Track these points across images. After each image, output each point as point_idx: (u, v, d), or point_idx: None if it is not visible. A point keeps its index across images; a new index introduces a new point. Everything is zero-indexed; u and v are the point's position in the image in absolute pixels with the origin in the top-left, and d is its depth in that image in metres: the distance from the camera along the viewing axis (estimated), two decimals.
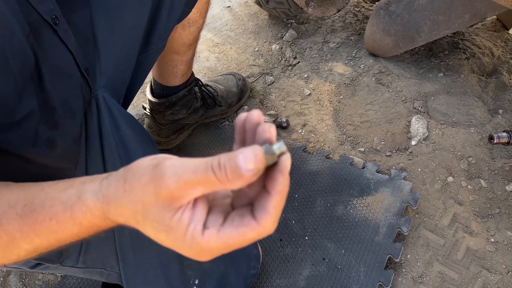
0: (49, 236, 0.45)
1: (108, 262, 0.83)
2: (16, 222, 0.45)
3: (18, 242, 0.46)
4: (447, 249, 1.12)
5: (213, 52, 1.78)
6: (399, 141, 1.34)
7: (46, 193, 0.46)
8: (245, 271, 0.98)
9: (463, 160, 1.27)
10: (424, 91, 1.44)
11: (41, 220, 0.44)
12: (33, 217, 0.45)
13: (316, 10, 1.40)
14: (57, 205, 0.44)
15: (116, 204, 0.41)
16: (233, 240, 0.39)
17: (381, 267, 1.06)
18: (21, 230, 0.45)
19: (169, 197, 0.37)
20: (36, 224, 0.45)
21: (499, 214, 1.17)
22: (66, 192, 0.45)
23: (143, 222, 0.40)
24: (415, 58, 1.58)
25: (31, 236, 0.45)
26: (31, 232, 0.45)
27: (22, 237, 0.45)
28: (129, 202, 0.39)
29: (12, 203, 0.46)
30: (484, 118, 1.37)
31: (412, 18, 1.37)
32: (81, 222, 0.44)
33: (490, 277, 1.07)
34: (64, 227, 0.44)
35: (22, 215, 0.45)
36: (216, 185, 0.36)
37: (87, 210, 0.43)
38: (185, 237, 0.38)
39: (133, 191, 0.39)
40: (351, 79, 1.53)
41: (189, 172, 0.36)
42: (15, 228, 0.45)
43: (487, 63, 1.54)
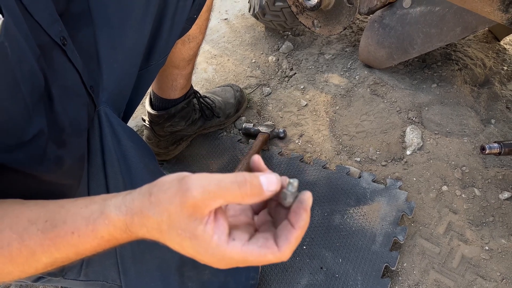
0: (69, 249, 0.48)
1: (109, 275, 0.84)
2: (37, 237, 0.48)
3: (38, 257, 0.48)
4: (442, 257, 1.14)
5: (211, 64, 1.80)
6: (394, 151, 1.36)
7: (67, 210, 0.49)
8: (244, 282, 0.99)
9: (457, 169, 1.29)
10: (418, 102, 1.47)
11: (62, 234, 0.47)
12: (55, 232, 0.48)
13: (323, 29, 1.43)
14: (79, 220, 0.47)
15: (141, 216, 0.44)
16: (253, 257, 0.43)
17: (378, 276, 1.08)
18: (42, 245, 0.48)
19: (194, 207, 0.41)
20: (58, 239, 0.47)
21: (493, 222, 1.19)
22: (88, 208, 0.48)
23: (167, 230, 0.43)
24: (409, 69, 1.61)
25: (51, 250, 0.48)
26: (51, 246, 0.47)
27: (43, 252, 0.48)
28: (155, 213, 0.43)
29: (32, 220, 0.48)
30: (477, 128, 1.39)
31: (405, 31, 1.40)
32: (102, 236, 0.47)
33: (485, 284, 1.08)
34: (85, 241, 0.47)
35: (43, 231, 0.48)
36: (236, 198, 0.41)
37: (109, 224, 0.46)
38: (209, 245, 0.42)
39: (160, 202, 0.42)
40: (347, 90, 1.56)
41: (213, 185, 0.41)
42: (36, 243, 0.47)
43: (479, 73, 1.57)
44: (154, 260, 0.85)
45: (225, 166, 1.39)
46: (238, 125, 1.52)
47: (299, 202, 0.44)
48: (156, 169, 0.90)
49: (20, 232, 0.48)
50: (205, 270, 0.91)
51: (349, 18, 1.32)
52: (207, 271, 0.91)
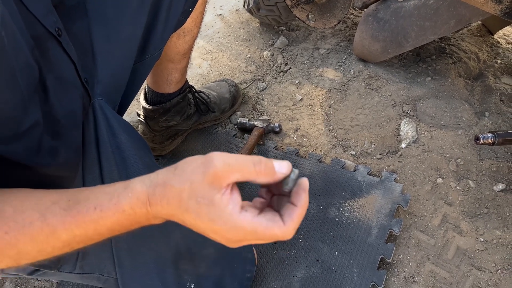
0: (89, 226, 0.50)
1: (105, 268, 0.84)
2: (59, 215, 0.50)
3: (58, 234, 0.50)
4: (437, 249, 1.14)
5: (205, 59, 1.80)
6: (389, 144, 1.37)
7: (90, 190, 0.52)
8: (241, 275, 1.00)
9: (451, 161, 1.30)
10: (413, 95, 1.47)
11: (84, 210, 0.50)
12: (77, 209, 0.50)
13: (318, 23, 1.43)
14: (102, 196, 0.51)
15: (163, 186, 0.48)
16: (261, 229, 0.48)
17: (374, 268, 1.08)
18: (63, 222, 0.50)
19: (214, 176, 0.46)
20: (79, 215, 0.50)
21: (488, 214, 1.20)
22: (112, 186, 0.52)
23: (187, 199, 0.47)
24: (404, 63, 1.62)
25: (72, 227, 0.50)
26: (72, 223, 0.50)
27: (64, 229, 0.50)
28: (177, 182, 0.48)
29: (55, 200, 0.51)
30: (471, 120, 1.40)
31: (399, 24, 1.40)
32: (124, 209, 0.50)
33: (480, 275, 1.09)
34: (106, 215, 0.50)
35: (66, 208, 0.50)
36: (251, 174, 0.47)
37: (133, 196, 0.50)
38: (224, 212, 0.46)
39: (183, 173, 0.48)
40: (342, 84, 1.56)
41: (233, 160, 0.47)
42: (58, 221, 0.50)
43: (473, 67, 1.58)
44: (149, 253, 0.85)
45: None
46: (233, 120, 1.52)
47: (298, 185, 0.51)
48: (151, 161, 0.90)
49: (42, 211, 0.50)
50: (201, 263, 0.91)
51: (344, 11, 1.32)
52: (203, 264, 0.91)
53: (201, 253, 0.91)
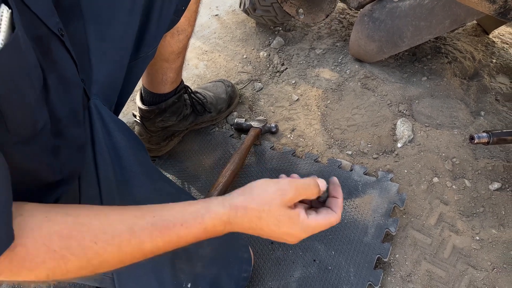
0: (173, 239, 0.59)
1: None
2: (147, 229, 0.57)
3: (144, 246, 0.57)
4: (434, 248, 1.15)
5: (202, 59, 1.80)
6: (385, 143, 1.37)
7: (173, 207, 0.61)
8: (237, 274, 0.99)
9: (447, 161, 1.30)
10: (409, 95, 1.48)
11: (171, 226, 0.58)
12: (164, 224, 0.58)
13: (307, 17, 1.44)
14: (187, 215, 0.60)
15: (244, 209, 0.62)
16: (324, 222, 0.66)
17: (371, 267, 1.08)
18: (151, 235, 0.57)
19: (289, 201, 0.63)
20: (166, 230, 0.58)
21: (483, 213, 1.20)
22: (193, 206, 0.61)
23: (266, 217, 0.62)
24: (399, 63, 1.62)
25: (157, 240, 0.57)
26: (159, 237, 0.57)
27: (150, 241, 0.57)
28: (257, 205, 0.62)
29: (139, 215, 0.58)
30: (467, 120, 1.41)
31: (395, 24, 1.41)
32: (206, 227, 0.60)
33: (476, 274, 1.09)
34: (190, 232, 0.59)
35: (153, 223, 0.57)
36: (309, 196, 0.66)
37: (215, 217, 0.60)
38: (298, 221, 0.64)
39: (262, 198, 0.62)
40: (338, 84, 1.57)
41: (300, 186, 0.64)
42: (146, 234, 0.56)
43: (469, 66, 1.59)
44: None
45: (217, 162, 1.38)
46: (230, 121, 1.52)
47: (332, 183, 0.71)
48: (147, 161, 0.90)
49: (129, 224, 0.56)
50: (197, 263, 0.91)
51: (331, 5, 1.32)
52: (199, 263, 0.91)
53: (198, 253, 0.91)
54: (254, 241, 1.16)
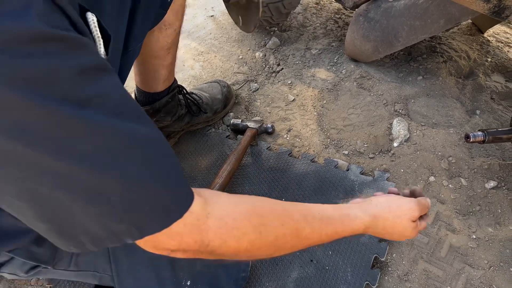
0: (329, 232, 0.68)
1: (100, 265, 0.84)
2: (316, 221, 0.67)
3: (312, 235, 0.66)
4: (431, 247, 1.15)
5: (197, 60, 1.80)
6: (381, 143, 1.37)
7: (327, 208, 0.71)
8: (236, 274, 1.00)
9: (443, 160, 1.30)
10: (404, 94, 1.48)
11: (333, 222, 0.69)
12: (329, 220, 0.69)
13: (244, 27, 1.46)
14: (343, 216, 0.72)
15: (383, 219, 0.77)
16: (421, 228, 0.83)
17: (368, 267, 1.09)
18: (319, 226, 0.67)
19: (415, 218, 0.80)
20: (329, 225, 0.68)
21: (480, 211, 1.21)
22: (344, 210, 0.74)
23: (397, 227, 0.78)
24: (395, 62, 1.62)
25: (322, 231, 0.67)
26: (323, 229, 0.67)
27: (318, 232, 0.66)
28: (393, 217, 0.78)
29: (308, 209, 0.68)
30: (463, 118, 1.41)
31: (390, 24, 1.41)
32: (353, 228, 0.72)
33: (473, 272, 1.10)
34: (343, 230, 0.71)
35: (320, 218, 0.68)
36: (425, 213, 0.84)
37: (361, 222, 0.74)
38: (415, 229, 0.81)
39: (396, 213, 0.78)
40: (334, 84, 1.57)
41: (423, 209, 0.82)
42: (316, 225, 0.66)
43: (464, 65, 1.59)
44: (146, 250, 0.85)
45: (214, 162, 1.38)
46: (226, 121, 1.51)
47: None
48: None
49: (303, 215, 0.65)
50: (197, 261, 0.91)
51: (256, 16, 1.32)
52: (199, 262, 0.91)
53: None
54: None
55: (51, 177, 0.43)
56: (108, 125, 0.45)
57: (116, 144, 0.46)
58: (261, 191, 1.27)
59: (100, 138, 0.45)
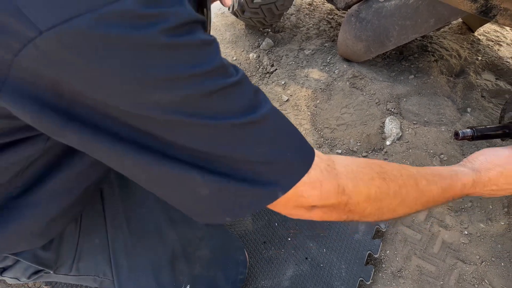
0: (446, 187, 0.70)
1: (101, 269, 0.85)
2: (431, 177, 0.68)
3: (431, 188, 0.67)
4: (424, 243, 1.17)
5: None
6: (374, 141, 1.39)
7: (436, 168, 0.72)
8: (234, 276, 1.01)
9: (435, 157, 1.32)
10: (396, 93, 1.50)
11: (445, 177, 0.70)
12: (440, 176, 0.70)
13: None
14: (452, 172, 0.73)
15: (485, 169, 0.76)
16: None
17: (362, 263, 1.10)
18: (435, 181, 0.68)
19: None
20: (441, 180, 0.70)
21: (471, 208, 1.23)
22: (451, 168, 0.75)
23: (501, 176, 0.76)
24: (387, 62, 1.64)
25: (438, 186, 0.68)
26: (438, 183, 0.68)
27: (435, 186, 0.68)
28: (493, 165, 0.77)
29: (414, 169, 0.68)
30: (454, 116, 1.43)
31: (381, 24, 1.43)
32: (463, 183, 0.73)
33: (465, 268, 1.12)
34: (456, 184, 0.72)
35: (431, 173, 0.69)
36: None
37: (468, 177, 0.74)
38: None
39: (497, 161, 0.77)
40: (327, 84, 1.59)
41: None
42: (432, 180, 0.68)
43: (455, 64, 1.61)
44: (146, 253, 0.87)
45: None
46: None
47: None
48: None
49: (420, 173, 0.67)
50: (196, 264, 0.92)
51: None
52: (197, 265, 0.92)
53: (196, 254, 0.92)
54: (247, 241, 1.17)
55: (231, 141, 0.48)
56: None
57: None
58: None
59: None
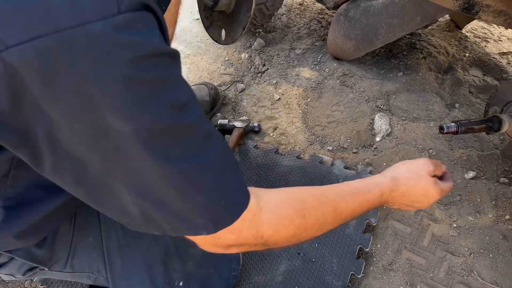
0: (360, 202, 0.72)
1: (95, 266, 0.87)
2: (348, 195, 0.71)
3: (348, 207, 0.70)
4: (414, 237, 1.19)
5: (184, 63, 1.83)
6: (364, 138, 1.41)
7: (354, 182, 0.75)
8: (227, 273, 1.02)
9: (424, 152, 1.35)
10: (386, 90, 1.52)
11: (362, 193, 0.73)
12: (359, 192, 0.73)
13: (227, 38, 1.43)
14: (370, 185, 0.75)
15: (403, 178, 0.78)
16: (447, 186, 0.83)
17: (353, 257, 1.12)
18: (352, 199, 0.71)
19: (432, 172, 0.80)
20: (360, 195, 0.72)
21: (460, 201, 1.25)
22: (368, 180, 0.77)
23: (419, 184, 0.79)
24: (376, 59, 1.67)
25: (355, 203, 0.71)
26: (356, 201, 0.72)
27: (352, 204, 0.71)
28: (411, 174, 0.79)
29: (336, 190, 0.71)
30: (442, 112, 1.46)
31: (369, 23, 1.45)
32: (381, 193, 0.75)
33: (454, 260, 1.14)
34: (373, 197, 0.74)
35: (350, 192, 0.72)
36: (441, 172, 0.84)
37: (386, 186, 0.76)
38: (438, 185, 0.80)
39: (413, 170, 0.80)
40: (317, 82, 1.61)
41: (437, 164, 0.82)
42: (349, 198, 0.71)
43: (443, 61, 1.64)
44: (139, 251, 0.88)
45: None
46: (213, 122, 1.55)
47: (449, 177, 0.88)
48: None
49: (336, 192, 0.70)
50: (188, 262, 0.93)
51: (247, 15, 1.29)
52: (190, 262, 0.94)
53: (189, 251, 0.94)
54: None
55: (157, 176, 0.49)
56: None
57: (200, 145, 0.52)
58: None
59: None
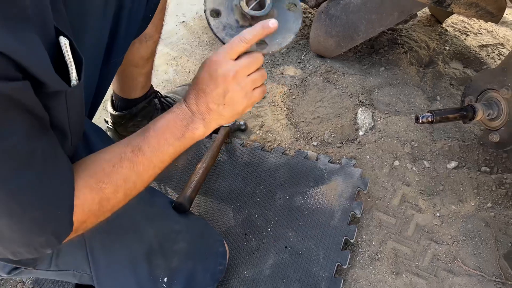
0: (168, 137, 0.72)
1: (79, 265, 0.88)
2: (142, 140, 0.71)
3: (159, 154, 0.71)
4: (398, 227, 1.21)
5: (171, 65, 1.85)
6: (347, 132, 1.44)
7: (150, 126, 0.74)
8: (213, 268, 1.03)
9: (406, 144, 1.38)
10: (368, 85, 1.55)
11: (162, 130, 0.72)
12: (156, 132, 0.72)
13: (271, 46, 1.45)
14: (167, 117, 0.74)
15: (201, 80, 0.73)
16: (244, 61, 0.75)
17: (338, 249, 1.14)
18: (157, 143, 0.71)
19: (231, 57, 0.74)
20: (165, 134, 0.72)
21: (443, 191, 1.28)
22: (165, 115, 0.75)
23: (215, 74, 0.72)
24: (358, 56, 1.70)
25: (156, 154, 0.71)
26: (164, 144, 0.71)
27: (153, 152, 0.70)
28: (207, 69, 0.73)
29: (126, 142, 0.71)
30: (424, 105, 1.49)
31: (349, 19, 1.48)
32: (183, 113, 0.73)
33: (438, 248, 1.16)
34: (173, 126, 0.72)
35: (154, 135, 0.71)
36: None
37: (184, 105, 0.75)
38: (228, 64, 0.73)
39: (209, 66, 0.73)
40: (301, 80, 1.63)
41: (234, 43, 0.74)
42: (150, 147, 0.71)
43: (424, 55, 1.67)
44: (123, 249, 0.89)
45: (190, 161, 1.43)
46: None
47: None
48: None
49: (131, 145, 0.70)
50: (173, 258, 0.95)
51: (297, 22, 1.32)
52: (175, 259, 0.95)
53: (173, 248, 0.95)
54: (229, 234, 1.21)
55: None
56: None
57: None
58: (236, 185, 1.32)
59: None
